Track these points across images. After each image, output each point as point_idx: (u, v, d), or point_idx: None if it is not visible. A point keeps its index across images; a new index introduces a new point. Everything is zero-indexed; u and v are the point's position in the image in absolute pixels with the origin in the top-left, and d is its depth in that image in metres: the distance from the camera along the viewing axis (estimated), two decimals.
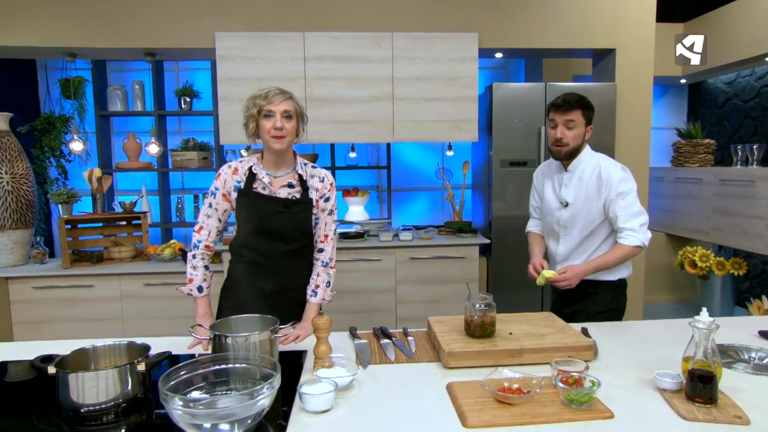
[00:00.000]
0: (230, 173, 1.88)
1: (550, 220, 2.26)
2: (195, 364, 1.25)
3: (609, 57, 4.00)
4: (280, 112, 1.79)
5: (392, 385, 1.44)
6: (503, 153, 3.81)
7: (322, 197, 1.95)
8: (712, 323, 1.31)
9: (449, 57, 3.73)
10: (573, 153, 2.13)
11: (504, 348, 1.56)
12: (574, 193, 2.15)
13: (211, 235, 1.90)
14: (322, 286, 1.98)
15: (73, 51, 3.89)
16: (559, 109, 2.11)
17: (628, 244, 2.06)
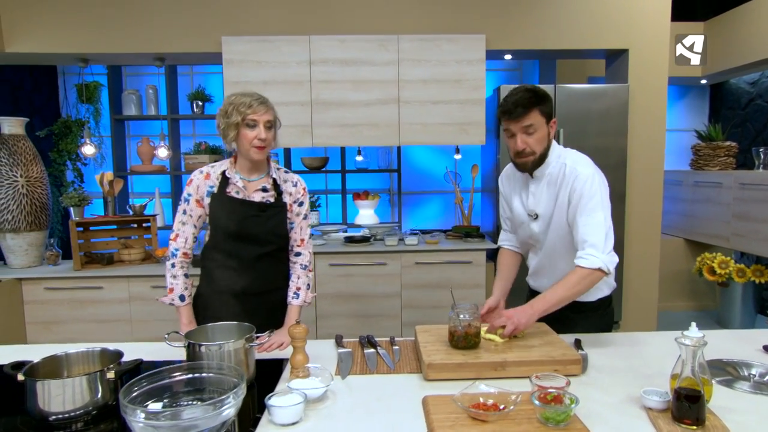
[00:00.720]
0: (202, 178, 1.87)
1: (522, 234, 1.98)
2: (158, 374, 1.23)
3: (622, 58, 3.89)
4: (263, 122, 1.78)
5: (368, 397, 1.40)
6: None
7: (295, 202, 1.96)
8: (700, 339, 1.24)
9: (456, 59, 3.68)
10: (541, 160, 1.80)
11: (486, 360, 1.51)
12: (544, 202, 1.84)
13: (187, 242, 1.89)
14: (303, 288, 1.98)
15: (86, 56, 3.96)
16: (511, 116, 1.74)
17: (587, 266, 1.67)
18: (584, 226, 1.72)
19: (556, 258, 1.90)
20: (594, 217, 1.72)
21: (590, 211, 1.72)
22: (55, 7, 3.76)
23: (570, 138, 3.71)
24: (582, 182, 1.74)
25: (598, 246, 1.69)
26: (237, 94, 1.82)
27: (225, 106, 1.81)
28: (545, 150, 1.80)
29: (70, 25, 3.78)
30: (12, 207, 3.79)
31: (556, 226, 1.84)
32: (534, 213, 1.89)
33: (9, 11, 3.77)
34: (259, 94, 1.84)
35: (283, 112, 3.72)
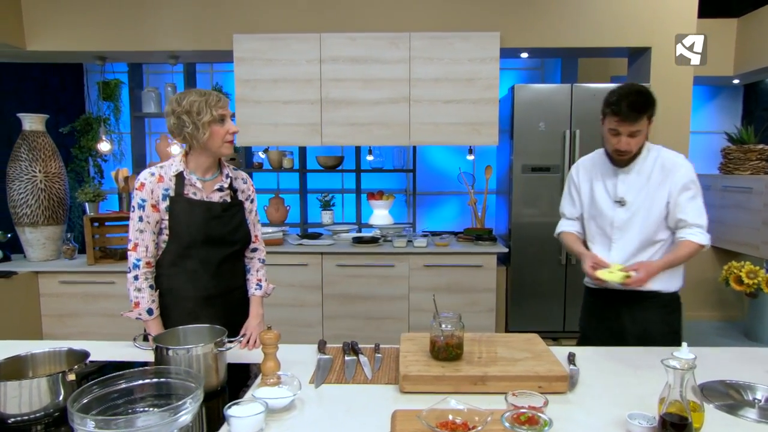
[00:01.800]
0: (155, 181, 1.74)
1: (602, 222, 2.00)
2: (112, 380, 1.20)
3: (644, 56, 3.72)
4: (230, 115, 1.77)
5: (337, 409, 1.35)
6: (525, 158, 3.63)
7: (247, 198, 1.92)
8: (689, 362, 1.14)
9: (468, 57, 3.58)
10: (636, 155, 1.91)
11: (466, 374, 1.43)
12: (634, 189, 1.91)
13: (149, 250, 1.75)
14: (263, 280, 1.98)
15: (103, 55, 4.02)
16: (623, 119, 1.79)
17: (697, 241, 1.84)
18: (692, 210, 1.86)
19: (647, 244, 1.94)
20: (697, 202, 1.88)
21: (694, 196, 1.87)
22: (73, 6, 3.82)
23: (585, 140, 3.58)
24: (685, 173, 1.87)
25: (704, 226, 1.87)
26: (191, 93, 1.72)
27: (186, 107, 1.68)
28: (641, 147, 1.90)
29: (87, 23, 3.84)
30: (30, 201, 3.87)
31: (645, 214, 1.91)
32: (622, 199, 1.93)
33: (30, 10, 3.85)
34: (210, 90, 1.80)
35: (292, 111, 3.73)
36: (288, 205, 4.56)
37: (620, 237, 1.96)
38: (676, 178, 1.87)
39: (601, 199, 2.00)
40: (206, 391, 1.40)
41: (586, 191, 2.06)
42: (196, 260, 1.78)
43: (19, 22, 3.85)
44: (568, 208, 2.15)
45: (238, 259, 1.92)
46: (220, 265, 1.82)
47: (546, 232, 3.63)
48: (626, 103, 1.78)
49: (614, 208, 1.96)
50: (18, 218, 3.88)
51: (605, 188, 1.99)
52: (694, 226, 1.86)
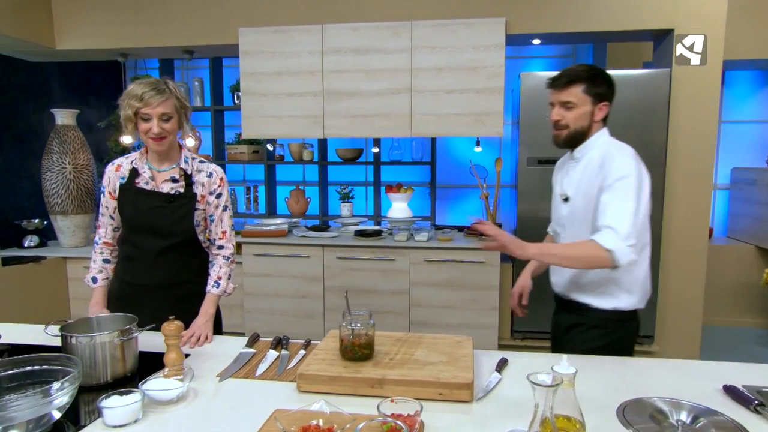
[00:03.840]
0: (113, 170, 1.87)
1: (554, 218, 1.93)
2: None
3: (667, 39, 3.42)
4: (157, 115, 1.73)
5: (225, 404, 1.33)
6: (531, 150, 3.45)
7: (211, 193, 1.90)
8: (558, 377, 1.03)
9: (473, 45, 3.44)
10: (577, 137, 1.73)
11: (363, 376, 1.37)
12: (576, 184, 1.76)
13: (107, 232, 1.92)
14: (224, 278, 1.94)
15: (125, 51, 4.21)
16: (552, 85, 1.73)
17: (599, 241, 1.54)
18: (610, 209, 1.58)
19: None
20: (623, 202, 1.57)
21: (620, 197, 1.58)
22: (98, 5, 4.01)
23: None
24: (617, 168, 1.61)
25: (620, 232, 1.54)
26: (135, 83, 1.76)
27: (122, 96, 1.76)
28: (584, 128, 1.72)
29: (110, 22, 4.03)
30: (61, 191, 4.13)
31: (583, 210, 1.73)
32: (565, 195, 1.80)
33: (60, 11, 4.08)
34: (158, 83, 1.76)
35: (295, 103, 3.75)
36: (309, 197, 4.60)
37: (564, 235, 1.83)
38: (606, 173, 1.63)
39: (556, 194, 1.90)
40: (113, 379, 1.45)
41: (558, 179, 1.94)
42: (135, 247, 1.86)
43: (50, 23, 4.09)
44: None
45: (183, 254, 1.91)
46: (159, 255, 1.85)
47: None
48: (561, 72, 1.73)
49: (560, 203, 1.84)
50: (51, 207, 4.16)
51: (561, 182, 1.87)
52: (607, 228, 1.56)
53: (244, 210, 4.87)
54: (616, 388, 1.43)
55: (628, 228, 1.54)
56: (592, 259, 1.56)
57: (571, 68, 1.73)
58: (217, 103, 4.72)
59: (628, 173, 1.60)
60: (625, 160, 1.64)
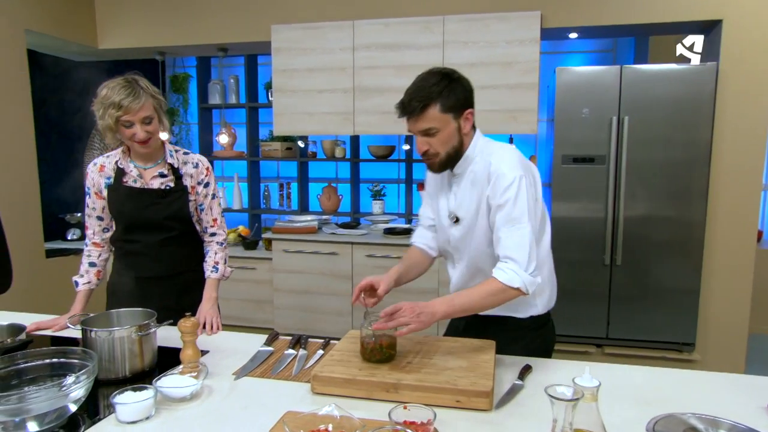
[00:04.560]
0: (96, 171, 1.84)
1: (442, 239, 1.71)
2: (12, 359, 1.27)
3: (715, 31, 3.23)
4: (139, 120, 1.70)
5: (238, 403, 1.32)
6: (567, 147, 3.33)
7: (200, 183, 1.91)
8: (580, 390, 0.97)
9: (506, 39, 3.35)
10: (453, 158, 1.54)
11: (378, 380, 1.33)
12: (466, 204, 1.58)
13: (95, 233, 1.92)
14: (221, 263, 1.96)
15: (162, 50, 4.30)
16: (406, 115, 1.49)
17: (506, 282, 1.43)
18: (507, 239, 1.47)
19: (477, 272, 1.64)
20: (519, 230, 1.46)
21: (514, 221, 1.46)
22: (138, 5, 4.11)
23: (634, 129, 3.21)
24: (505, 187, 1.46)
25: (522, 263, 1.45)
26: (108, 86, 1.69)
27: (97, 104, 1.70)
28: (456, 147, 1.52)
29: (149, 21, 4.12)
30: None
31: (480, 234, 1.58)
32: (454, 216, 1.62)
33: (102, 11, 4.20)
34: (131, 84, 1.70)
35: (326, 99, 3.73)
36: (341, 195, 4.60)
37: (459, 258, 1.67)
38: (495, 189, 1.48)
39: (443, 211, 1.68)
40: (132, 373, 1.46)
41: (434, 197, 1.73)
42: (137, 243, 1.86)
43: (93, 23, 4.22)
44: (425, 210, 1.80)
45: (183, 244, 1.95)
46: (160, 248, 1.88)
47: (588, 229, 3.34)
48: (405, 96, 1.47)
49: (450, 225, 1.64)
50: None
51: (446, 198, 1.66)
52: (508, 260, 1.46)
53: (278, 206, 4.91)
54: (647, 401, 1.34)
55: (527, 256, 1.45)
56: (501, 299, 1.48)
57: (418, 86, 1.47)
58: (252, 101, 4.77)
59: (518, 200, 1.45)
60: (509, 173, 1.47)
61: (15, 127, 3.57)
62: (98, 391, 1.36)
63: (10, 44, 3.51)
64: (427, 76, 1.49)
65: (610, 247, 3.31)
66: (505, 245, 1.47)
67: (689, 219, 3.22)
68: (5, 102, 3.48)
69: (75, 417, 1.23)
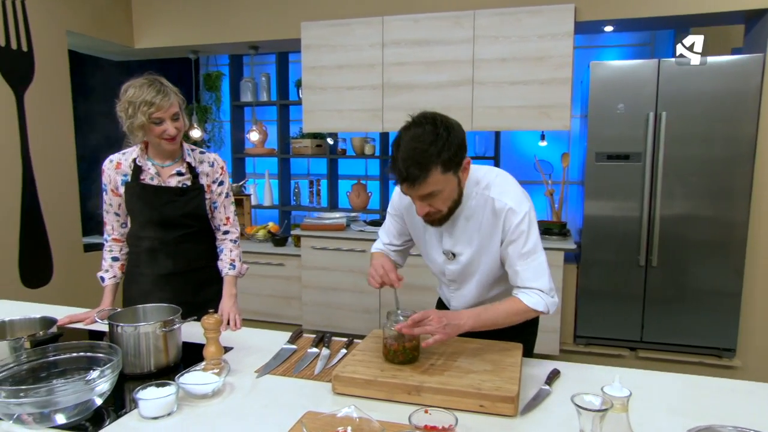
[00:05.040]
0: (113, 168, 1.85)
1: (435, 270, 1.70)
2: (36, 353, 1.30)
3: (762, 21, 3.08)
4: (169, 117, 1.73)
5: (258, 402, 1.31)
6: (600, 144, 3.23)
7: (214, 182, 1.93)
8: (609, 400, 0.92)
9: (538, 34, 3.26)
10: (454, 210, 1.48)
11: (401, 382, 1.31)
12: (463, 240, 1.55)
13: (114, 229, 1.94)
14: (237, 260, 1.98)
15: (195, 49, 4.36)
16: (405, 184, 1.36)
17: (531, 305, 1.45)
18: (525, 271, 1.49)
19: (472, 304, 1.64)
20: (535, 260, 1.49)
21: (529, 254, 1.48)
22: (173, 5, 4.18)
23: (673, 123, 3.09)
24: (516, 223, 1.46)
25: (545, 290, 1.49)
26: (134, 86, 1.71)
27: (124, 104, 1.71)
28: (457, 201, 1.46)
29: (183, 20, 4.18)
30: None
31: (477, 267, 1.58)
32: (450, 253, 1.59)
33: (138, 11, 4.29)
34: (156, 82, 1.72)
35: (355, 96, 3.72)
36: (370, 192, 4.59)
37: (457, 289, 1.67)
38: (507, 226, 1.47)
39: (431, 248, 1.63)
40: (157, 369, 1.48)
41: (415, 231, 1.67)
42: (153, 240, 1.88)
43: (129, 23, 4.32)
44: (389, 236, 1.75)
45: (200, 242, 1.96)
46: (177, 245, 1.89)
47: (622, 229, 3.24)
48: (403, 157, 1.33)
49: (444, 259, 1.61)
50: None
51: (436, 236, 1.59)
52: (532, 289, 1.47)
53: (308, 203, 4.93)
54: (683, 411, 1.28)
55: (547, 282, 1.49)
56: (524, 318, 1.51)
57: (412, 149, 1.32)
58: (283, 98, 4.80)
59: (530, 233, 1.47)
60: (518, 209, 1.46)
61: (56, 126, 3.68)
62: (124, 386, 1.39)
63: (52, 45, 3.61)
64: (419, 133, 1.35)
65: (645, 248, 3.20)
66: (525, 277, 1.49)
67: (731, 219, 3.08)
68: (47, 102, 3.59)
69: (100, 410, 1.25)
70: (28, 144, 3.47)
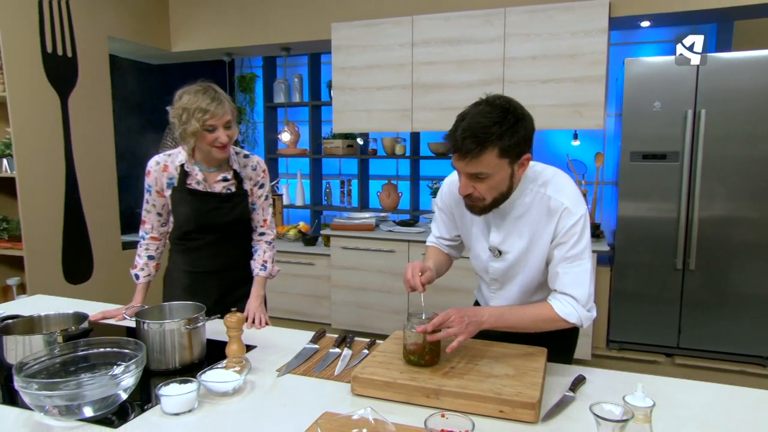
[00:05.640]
0: (160, 170, 1.86)
1: (478, 267, 1.64)
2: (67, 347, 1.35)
3: None
4: (222, 125, 1.74)
5: (278, 401, 1.32)
6: (635, 143, 3.13)
7: (256, 185, 1.95)
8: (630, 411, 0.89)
9: (571, 31, 3.19)
10: (498, 203, 1.43)
11: (419, 384, 1.29)
12: (512, 238, 1.49)
13: (154, 228, 1.96)
14: (269, 261, 2.00)
15: (229, 51, 4.45)
16: (457, 153, 1.32)
17: (563, 315, 1.40)
18: (566, 275, 1.43)
19: (524, 300, 1.58)
20: (578, 266, 1.42)
21: (574, 258, 1.42)
22: (208, 9, 4.28)
23: (712, 123, 2.97)
24: (571, 225, 1.41)
25: (581, 300, 1.42)
26: (189, 93, 1.73)
27: (178, 110, 1.73)
28: (504, 194, 1.41)
29: (218, 24, 4.27)
30: None
31: (527, 268, 1.51)
32: (497, 250, 1.53)
33: (176, 16, 4.41)
34: (211, 89, 1.74)
35: (385, 96, 3.72)
36: (401, 192, 4.58)
37: (498, 288, 1.61)
38: (561, 224, 1.41)
39: (477, 241, 1.58)
40: (181, 365, 1.51)
41: (461, 224, 1.63)
42: (195, 241, 1.92)
43: (167, 28, 4.44)
44: (439, 230, 1.72)
45: (240, 241, 2.00)
46: (219, 246, 1.93)
47: (658, 230, 3.14)
48: (462, 127, 1.29)
49: (489, 256, 1.55)
50: None
51: (481, 230, 1.56)
52: (568, 296, 1.42)
53: (339, 203, 4.96)
54: (716, 424, 1.22)
55: (586, 293, 1.42)
56: (552, 327, 1.45)
57: (476, 122, 1.28)
58: (315, 99, 4.84)
59: (580, 224, 1.41)
60: (575, 210, 1.41)
61: (97, 129, 3.81)
62: (150, 381, 1.42)
63: (95, 51, 3.74)
64: (488, 110, 1.30)
65: (682, 250, 3.08)
66: (564, 282, 1.43)
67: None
68: (89, 106, 3.72)
69: (126, 405, 1.28)
70: (71, 146, 3.60)
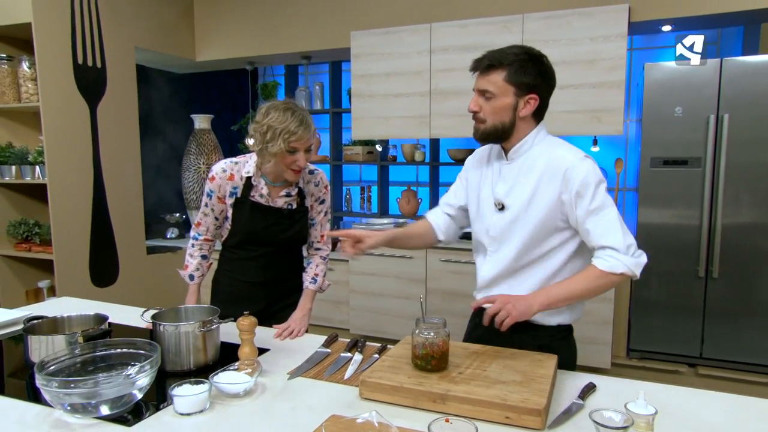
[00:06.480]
0: (225, 178, 1.84)
1: (479, 229, 1.64)
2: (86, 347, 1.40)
3: None
4: (304, 148, 1.74)
5: (287, 404, 1.35)
6: (656, 149, 3.09)
7: (317, 200, 1.95)
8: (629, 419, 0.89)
9: (590, 36, 3.16)
10: (498, 134, 1.51)
11: (426, 389, 1.31)
12: (516, 191, 1.52)
13: (209, 231, 1.96)
14: (320, 275, 2.00)
15: (252, 60, 4.54)
16: (473, 69, 1.53)
17: (606, 269, 1.41)
18: (595, 228, 1.44)
19: (505, 270, 1.58)
20: (605, 215, 1.44)
21: (598, 209, 1.44)
22: (231, 19, 4.38)
23: (735, 128, 2.91)
24: (582, 176, 1.44)
25: (619, 247, 1.42)
26: (277, 110, 1.70)
27: (263, 126, 1.70)
28: (505, 125, 1.49)
29: (240, 33, 4.37)
30: (195, 188, 4.58)
31: (527, 225, 1.51)
32: (500, 203, 1.55)
33: (200, 26, 4.52)
34: (301, 111, 1.72)
35: (403, 103, 3.75)
36: (420, 198, 4.60)
37: (495, 249, 1.58)
38: (568, 180, 1.45)
39: (485, 199, 1.61)
40: (196, 367, 1.55)
41: (475, 187, 1.66)
42: (251, 252, 1.93)
43: (192, 38, 4.55)
44: (447, 197, 1.79)
45: (291, 255, 2.01)
46: (270, 258, 1.95)
47: (679, 238, 3.09)
48: (486, 53, 1.49)
49: (494, 212, 1.57)
50: (188, 202, 4.63)
51: (491, 185, 1.60)
52: (607, 248, 1.43)
53: (359, 209, 5.00)
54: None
55: (621, 238, 1.42)
56: (605, 288, 1.47)
57: (499, 49, 1.49)
58: (336, 106, 4.89)
59: (597, 187, 1.45)
60: (584, 166, 1.45)
61: (124, 137, 3.92)
62: (165, 382, 1.46)
63: (122, 61, 3.86)
64: (514, 45, 1.50)
65: (705, 258, 3.02)
66: (596, 234, 1.44)
67: None
68: (117, 114, 3.83)
69: (141, 404, 1.33)
70: (99, 153, 3.72)
